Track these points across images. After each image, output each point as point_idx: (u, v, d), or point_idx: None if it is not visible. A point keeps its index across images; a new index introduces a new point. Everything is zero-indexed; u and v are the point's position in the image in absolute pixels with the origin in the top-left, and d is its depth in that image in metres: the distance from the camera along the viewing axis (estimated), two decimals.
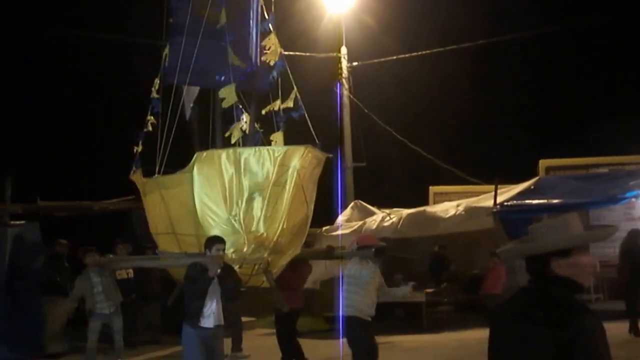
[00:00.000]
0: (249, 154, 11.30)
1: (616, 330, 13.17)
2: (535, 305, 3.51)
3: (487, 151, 25.81)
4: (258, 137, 12.93)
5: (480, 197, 16.59)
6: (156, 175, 11.77)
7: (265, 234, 10.80)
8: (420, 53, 22.71)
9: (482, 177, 19.19)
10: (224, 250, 8.64)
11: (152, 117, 12.24)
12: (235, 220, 11.02)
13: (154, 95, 12.30)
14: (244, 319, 14.30)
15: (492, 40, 22.17)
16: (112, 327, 11.90)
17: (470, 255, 16.98)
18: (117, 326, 11.91)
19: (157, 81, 12.39)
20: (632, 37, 25.39)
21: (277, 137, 12.71)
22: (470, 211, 15.72)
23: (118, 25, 24.00)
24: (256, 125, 12.99)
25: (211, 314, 8.52)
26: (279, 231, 10.75)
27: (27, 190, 15.18)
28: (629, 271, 13.74)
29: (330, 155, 12.22)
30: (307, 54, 22.80)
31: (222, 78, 12.27)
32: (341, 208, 17.91)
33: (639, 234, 14.38)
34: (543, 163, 19.32)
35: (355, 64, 22.86)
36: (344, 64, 22.72)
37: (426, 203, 19.31)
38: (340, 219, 17.82)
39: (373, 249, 9.60)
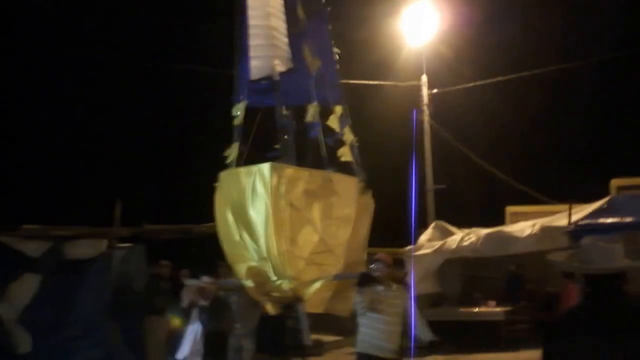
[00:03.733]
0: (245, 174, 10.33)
1: None
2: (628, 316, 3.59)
3: (560, 172, 25.22)
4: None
5: (554, 216, 16.18)
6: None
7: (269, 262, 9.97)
8: (495, 80, 22.44)
9: (556, 197, 18.76)
10: (211, 283, 8.62)
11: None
12: (244, 247, 10.29)
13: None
14: (330, 338, 14.17)
15: (562, 66, 21.79)
16: (243, 348, 11.31)
17: (547, 274, 16.52)
18: (248, 348, 11.31)
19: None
20: None
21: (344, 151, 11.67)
22: (546, 230, 15.33)
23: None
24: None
25: (187, 349, 8.35)
26: (279, 257, 9.82)
27: (133, 214, 15.55)
28: None
29: (361, 179, 11.26)
30: (390, 82, 22.87)
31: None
32: (418, 229, 17.68)
33: None
34: (615, 182, 18.76)
35: (435, 91, 22.77)
36: (425, 91, 22.66)
37: (503, 223, 18.91)
38: (423, 238, 17.63)
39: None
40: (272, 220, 9.65)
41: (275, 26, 11.12)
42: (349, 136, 11.78)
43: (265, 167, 9.93)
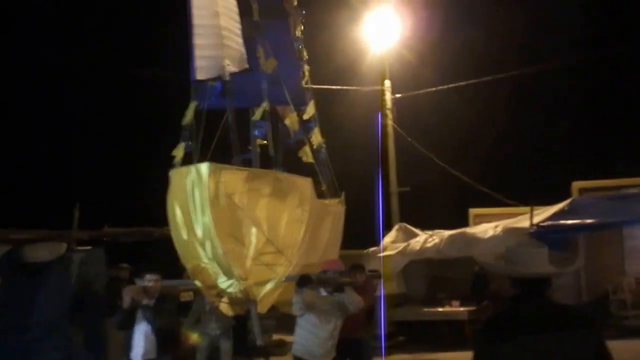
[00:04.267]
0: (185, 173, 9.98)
1: None
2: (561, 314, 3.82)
3: (522, 174, 25.44)
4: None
5: (517, 218, 16.28)
6: None
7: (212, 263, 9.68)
8: (458, 84, 22.54)
9: (518, 200, 18.86)
10: (156, 281, 7.95)
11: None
12: (195, 244, 9.87)
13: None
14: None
15: (523, 71, 21.96)
16: (220, 348, 11.31)
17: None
18: (224, 348, 11.29)
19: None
20: None
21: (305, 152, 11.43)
22: (508, 232, 15.39)
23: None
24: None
25: (139, 348, 7.88)
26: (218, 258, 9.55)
27: (94, 217, 15.29)
28: None
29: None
30: (354, 87, 22.87)
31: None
32: (385, 230, 17.65)
33: None
34: (576, 185, 18.95)
35: (398, 95, 22.81)
36: (388, 95, 22.68)
37: (466, 225, 18.99)
38: (387, 240, 17.61)
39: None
40: (212, 221, 9.38)
41: (225, 26, 10.80)
42: (317, 138, 11.58)
43: (202, 166, 9.64)
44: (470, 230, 16.94)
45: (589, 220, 14.73)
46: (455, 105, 24.66)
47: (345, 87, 22.96)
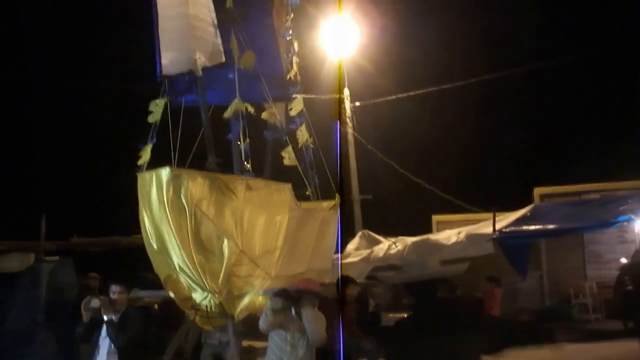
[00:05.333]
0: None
1: (623, 348, 12.85)
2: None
3: (484, 181, 25.65)
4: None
5: (479, 224, 16.41)
6: None
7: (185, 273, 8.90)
8: (417, 92, 22.61)
9: (480, 206, 18.96)
10: (121, 293, 7.35)
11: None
12: (165, 255, 9.08)
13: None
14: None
15: (484, 78, 22.10)
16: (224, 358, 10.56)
17: (473, 280, 16.59)
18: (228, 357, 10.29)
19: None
20: (619, 68, 25.25)
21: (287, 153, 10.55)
22: (471, 238, 15.44)
23: None
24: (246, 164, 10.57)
25: None
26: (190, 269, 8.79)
27: (62, 227, 15.07)
28: (634, 291, 13.33)
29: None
30: (312, 95, 22.77)
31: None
32: (349, 238, 17.57)
33: None
34: (538, 191, 19.20)
35: (357, 104, 22.79)
36: (347, 104, 22.64)
37: (430, 231, 19.02)
38: (350, 247, 17.52)
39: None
40: (175, 231, 8.64)
41: (196, 14, 9.88)
42: (303, 136, 10.72)
43: (162, 172, 8.79)
44: (433, 236, 16.99)
45: (550, 226, 14.89)
46: (417, 113, 24.77)
47: (304, 96, 22.81)
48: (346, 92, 22.77)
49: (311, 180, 10.62)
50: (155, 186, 8.84)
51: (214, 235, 8.84)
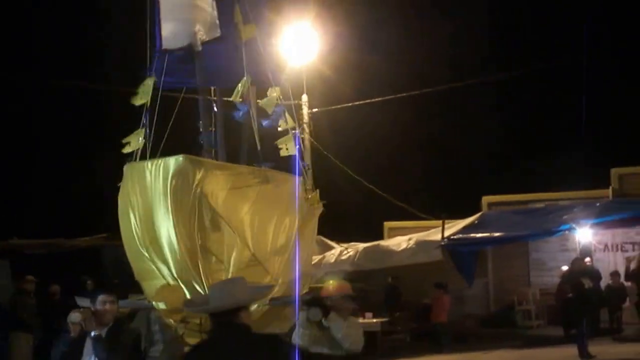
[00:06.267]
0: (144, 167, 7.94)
1: (563, 354, 13.27)
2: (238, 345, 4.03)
3: (436, 189, 25.98)
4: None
5: (429, 231, 16.65)
6: None
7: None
8: (374, 100, 22.84)
9: (431, 213, 19.26)
10: (112, 303, 5.79)
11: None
12: (150, 261, 7.87)
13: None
14: None
15: (437, 89, 22.45)
16: None
17: (422, 286, 16.96)
18: None
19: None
20: (564, 83, 25.83)
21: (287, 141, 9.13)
22: (421, 244, 15.72)
23: None
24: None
25: None
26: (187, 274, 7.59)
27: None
28: (574, 298, 13.75)
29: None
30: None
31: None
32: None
33: (582, 263, 14.52)
34: (486, 199, 19.55)
35: (315, 110, 22.98)
36: (305, 110, 22.82)
37: (381, 238, 19.28)
38: None
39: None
40: (177, 230, 7.47)
41: None
42: (288, 123, 9.41)
43: (175, 161, 7.61)
44: (384, 243, 17.24)
45: (496, 234, 15.20)
46: (373, 120, 25.03)
47: (259, 101, 22.93)
48: (304, 98, 22.93)
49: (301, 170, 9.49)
50: (155, 177, 7.68)
51: (226, 235, 7.74)
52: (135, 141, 8.40)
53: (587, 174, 19.04)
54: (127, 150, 8.42)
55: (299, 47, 22.34)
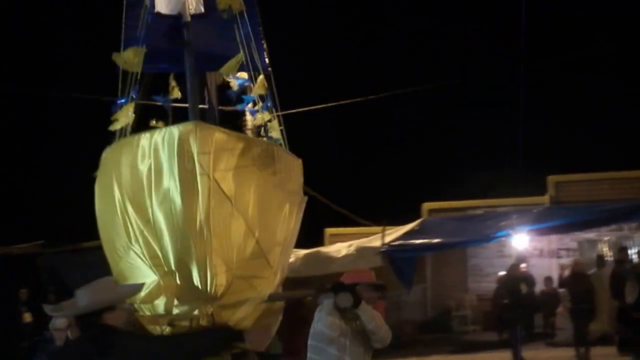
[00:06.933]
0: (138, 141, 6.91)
1: (497, 359, 13.49)
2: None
3: (376, 195, 26.18)
4: None
5: (370, 238, 16.71)
6: None
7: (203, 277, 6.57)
8: (315, 107, 22.89)
9: (372, 220, 19.37)
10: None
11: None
12: (141, 254, 6.72)
13: None
14: None
15: (379, 96, 22.59)
16: None
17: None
18: None
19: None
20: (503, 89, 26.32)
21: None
22: (361, 251, 15.78)
23: None
24: None
25: None
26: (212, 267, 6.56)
27: None
28: (509, 303, 13.98)
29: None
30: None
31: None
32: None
33: (517, 269, 14.76)
34: (426, 206, 19.76)
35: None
36: (248, 116, 22.74)
37: (322, 244, 19.33)
38: None
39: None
40: (189, 211, 6.42)
41: None
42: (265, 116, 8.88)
43: (181, 129, 6.58)
44: (324, 249, 17.26)
45: (435, 240, 15.33)
46: (313, 127, 25.08)
47: (203, 107, 22.80)
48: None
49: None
50: (154, 150, 6.64)
51: (231, 220, 6.76)
52: (125, 116, 7.67)
53: (525, 181, 19.41)
54: (115, 127, 7.69)
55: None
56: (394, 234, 15.83)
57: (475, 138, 28.39)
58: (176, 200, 6.49)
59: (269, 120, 8.80)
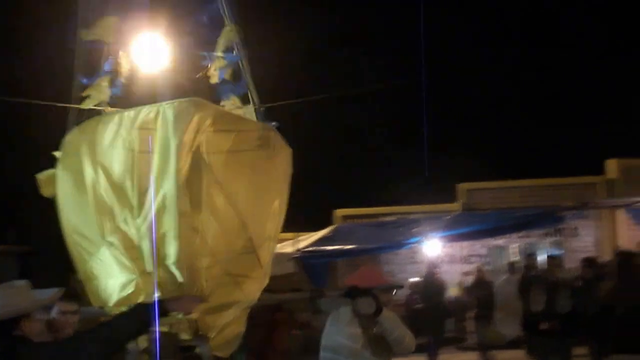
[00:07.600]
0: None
1: None
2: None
3: (289, 202, 26.02)
4: None
5: (283, 244, 16.58)
6: None
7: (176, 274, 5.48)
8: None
9: (286, 227, 19.24)
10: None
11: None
12: (118, 247, 5.78)
13: None
14: None
15: (289, 102, 22.51)
16: None
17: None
18: None
19: None
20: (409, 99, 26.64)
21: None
22: (274, 257, 15.60)
23: None
24: None
25: None
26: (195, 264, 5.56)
27: None
28: (423, 309, 14.02)
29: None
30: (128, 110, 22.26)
31: None
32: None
33: (430, 274, 14.90)
34: (339, 212, 19.79)
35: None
36: None
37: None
38: None
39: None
40: (180, 197, 5.40)
41: None
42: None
43: (177, 106, 5.59)
44: None
45: (348, 246, 15.36)
46: None
47: (120, 110, 22.28)
48: None
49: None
50: (160, 129, 5.58)
51: (222, 209, 5.86)
52: (98, 92, 6.66)
53: (437, 189, 19.67)
54: (87, 104, 6.61)
55: (151, 55, 21.92)
56: (307, 240, 15.80)
57: (389, 145, 28.69)
58: (168, 184, 5.50)
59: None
